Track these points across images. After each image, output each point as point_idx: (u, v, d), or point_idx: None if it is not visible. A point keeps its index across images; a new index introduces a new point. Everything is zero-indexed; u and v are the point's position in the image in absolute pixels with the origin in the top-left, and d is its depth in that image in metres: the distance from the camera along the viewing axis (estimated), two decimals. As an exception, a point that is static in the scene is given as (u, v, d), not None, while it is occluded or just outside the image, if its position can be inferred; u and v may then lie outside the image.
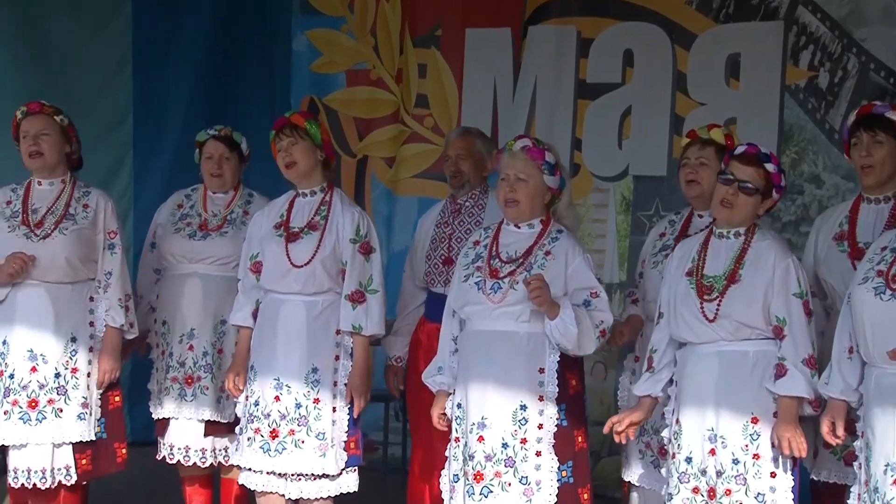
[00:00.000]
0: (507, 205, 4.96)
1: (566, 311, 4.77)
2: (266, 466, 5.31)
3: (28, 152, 5.63)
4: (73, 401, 5.56)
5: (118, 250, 5.69)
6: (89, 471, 5.61)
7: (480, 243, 5.05)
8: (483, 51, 7.90)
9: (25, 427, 5.51)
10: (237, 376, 5.48)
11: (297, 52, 8.59)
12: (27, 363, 5.53)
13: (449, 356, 5.06)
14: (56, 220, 5.62)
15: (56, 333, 5.55)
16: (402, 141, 8.25)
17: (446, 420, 5.05)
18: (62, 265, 5.56)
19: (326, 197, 5.46)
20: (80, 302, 5.63)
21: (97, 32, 8.43)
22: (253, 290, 5.49)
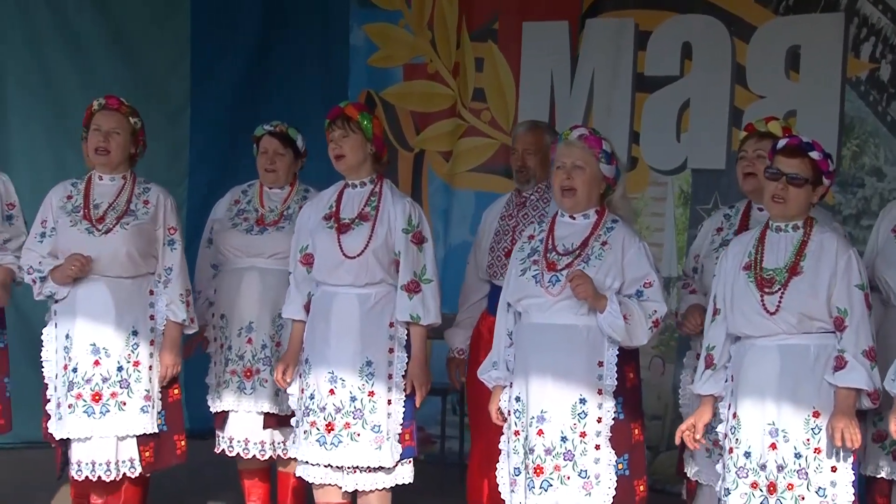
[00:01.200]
0: (563, 193, 4.94)
1: (612, 304, 4.76)
2: (322, 459, 5.32)
3: (95, 147, 5.66)
4: (135, 394, 5.60)
5: (178, 246, 5.73)
6: (152, 463, 5.66)
7: (535, 237, 5.04)
8: (540, 44, 7.88)
9: (90, 420, 5.55)
10: (286, 369, 5.49)
11: (354, 46, 8.61)
12: (90, 357, 5.57)
13: (504, 350, 5.05)
14: (118, 216, 5.65)
15: (118, 327, 5.59)
16: (459, 135, 8.25)
17: (503, 415, 5.04)
18: (123, 260, 5.60)
19: (376, 188, 5.46)
20: (140, 296, 5.67)
21: (157, 26, 8.49)
22: (304, 283, 5.50)
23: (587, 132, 4.97)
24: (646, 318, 4.81)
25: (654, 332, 4.85)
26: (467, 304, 5.98)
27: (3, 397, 5.87)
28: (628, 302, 4.81)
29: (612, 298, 4.77)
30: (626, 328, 4.77)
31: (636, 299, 4.84)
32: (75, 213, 5.66)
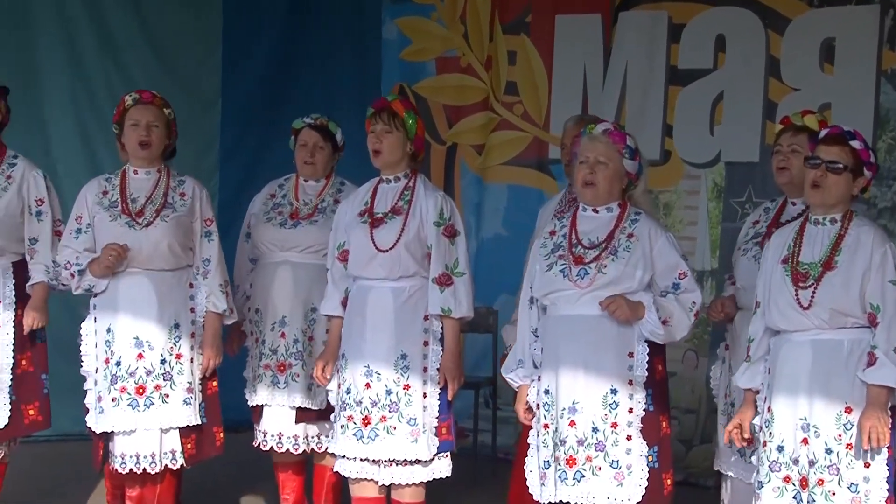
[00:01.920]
0: (584, 187, 4.93)
1: (651, 314, 4.77)
2: (359, 453, 5.33)
3: (139, 141, 5.68)
4: (178, 386, 5.63)
5: (215, 237, 5.75)
6: (194, 454, 5.68)
7: (557, 233, 5.02)
8: (573, 37, 7.87)
9: (134, 413, 5.57)
10: (326, 365, 5.51)
11: (386, 40, 8.61)
12: (133, 350, 5.60)
13: (529, 347, 5.04)
14: (157, 209, 5.67)
15: (160, 320, 5.61)
16: (491, 128, 8.24)
17: (532, 413, 5.03)
18: (164, 253, 5.62)
19: (410, 182, 5.47)
20: (180, 289, 5.69)
21: (188, 20, 8.52)
22: (341, 280, 5.51)
23: (612, 127, 4.96)
24: (686, 312, 4.82)
25: (694, 322, 4.86)
26: None
27: (41, 394, 5.90)
28: (666, 303, 4.81)
29: (651, 308, 4.78)
30: (665, 334, 4.79)
31: (674, 293, 4.84)
32: (113, 208, 5.68)
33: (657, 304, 4.80)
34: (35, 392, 5.87)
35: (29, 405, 5.85)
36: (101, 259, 5.57)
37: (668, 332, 4.79)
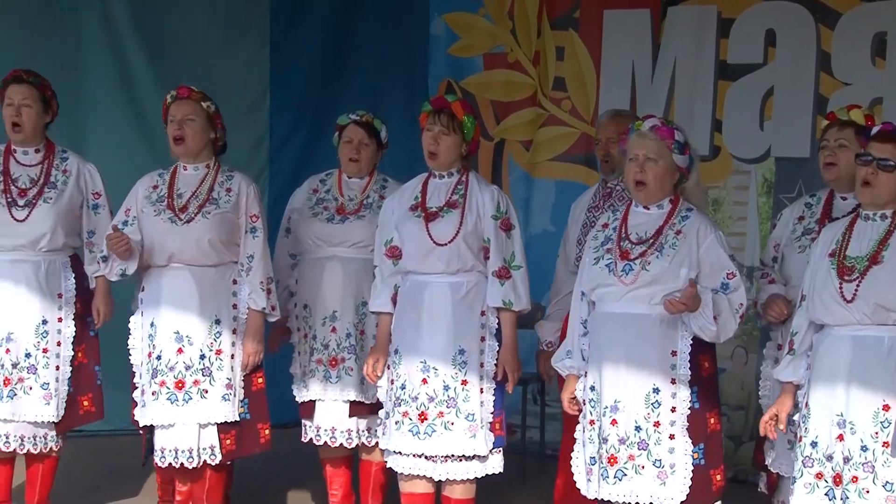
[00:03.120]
0: (636, 186, 4.91)
1: (706, 309, 4.73)
2: (415, 449, 5.33)
3: (172, 137, 5.72)
4: (217, 382, 5.65)
5: (260, 234, 5.76)
6: (233, 451, 5.70)
7: (609, 226, 5.02)
8: (622, 32, 7.84)
9: (172, 407, 5.61)
10: (376, 362, 5.51)
11: (434, 35, 8.61)
12: (174, 345, 5.64)
13: (578, 339, 5.03)
14: (199, 204, 5.70)
15: (200, 316, 5.64)
16: (539, 124, 8.23)
17: (577, 404, 5.03)
18: (205, 248, 5.65)
19: (462, 178, 5.47)
20: (223, 285, 5.71)
21: (236, 16, 8.55)
22: (391, 277, 5.51)
23: (659, 123, 4.93)
24: (733, 313, 4.78)
25: (739, 323, 4.82)
26: (558, 296, 5.95)
27: (94, 385, 5.97)
28: (718, 300, 4.77)
29: (707, 303, 4.74)
30: (716, 331, 4.75)
31: (723, 293, 4.80)
32: (159, 203, 5.73)
33: (711, 301, 4.76)
34: (89, 384, 5.96)
35: (83, 396, 5.94)
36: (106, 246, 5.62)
37: (718, 329, 4.76)
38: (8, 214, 5.80)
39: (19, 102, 5.85)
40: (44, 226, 5.80)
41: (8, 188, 5.84)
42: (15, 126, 5.86)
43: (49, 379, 5.83)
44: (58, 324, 5.87)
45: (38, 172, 5.90)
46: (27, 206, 5.81)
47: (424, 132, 5.42)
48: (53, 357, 5.84)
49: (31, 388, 5.80)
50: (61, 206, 5.85)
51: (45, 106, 5.92)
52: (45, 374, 5.82)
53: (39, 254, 5.84)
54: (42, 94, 5.90)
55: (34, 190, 5.86)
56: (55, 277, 5.87)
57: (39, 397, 5.81)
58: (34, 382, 5.80)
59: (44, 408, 5.81)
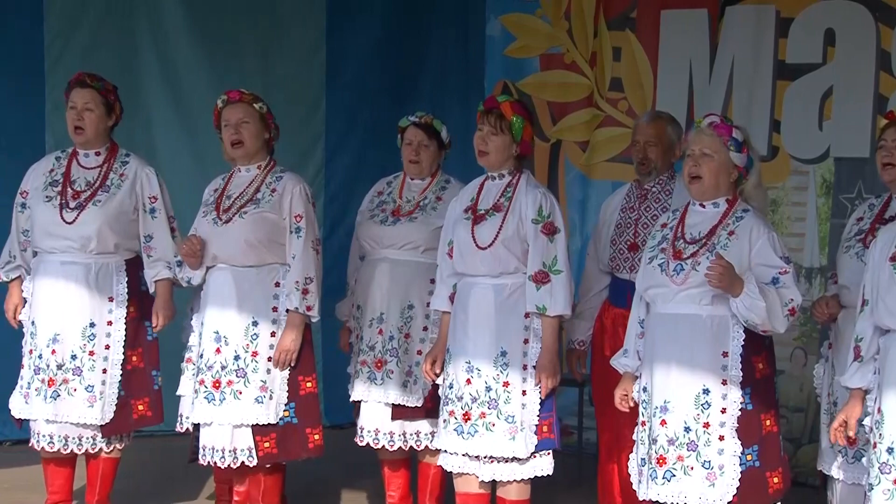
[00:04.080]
0: (690, 181, 4.91)
1: (750, 285, 4.69)
2: (460, 449, 5.35)
3: (230, 141, 5.75)
4: (251, 384, 5.64)
5: (303, 234, 5.70)
6: (273, 454, 5.65)
7: (668, 225, 5.02)
8: (679, 32, 7.80)
9: (210, 406, 5.64)
10: (434, 360, 5.53)
11: (490, 36, 8.61)
12: (213, 344, 5.66)
13: (635, 339, 5.04)
14: (241, 205, 5.73)
15: (238, 316, 5.65)
16: (595, 125, 8.21)
17: (629, 402, 5.03)
18: (243, 249, 5.65)
19: (514, 179, 5.47)
20: (263, 286, 5.69)
21: (292, 17, 8.58)
22: (450, 276, 5.53)
23: (718, 120, 4.93)
24: (782, 305, 4.74)
25: (790, 320, 4.78)
26: (588, 295, 5.95)
27: (150, 389, 6.00)
28: (764, 287, 4.74)
29: (750, 279, 4.70)
30: (766, 308, 4.70)
31: (774, 287, 4.77)
32: (210, 205, 5.78)
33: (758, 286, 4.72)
34: (145, 388, 5.98)
35: (138, 400, 5.96)
36: (179, 250, 5.69)
37: (768, 311, 4.71)
38: (58, 216, 5.85)
39: (82, 106, 5.90)
40: (90, 228, 5.84)
41: (64, 191, 5.90)
42: (77, 129, 5.91)
43: (94, 381, 5.85)
44: (107, 327, 5.89)
45: (95, 175, 5.95)
46: (77, 208, 5.86)
47: (476, 132, 5.44)
48: (100, 360, 5.86)
49: (75, 390, 5.83)
50: (110, 209, 5.88)
51: (107, 109, 5.97)
52: (91, 377, 5.85)
53: (91, 256, 5.88)
54: (105, 98, 5.95)
55: (87, 192, 5.90)
56: (107, 280, 5.90)
57: (83, 399, 5.84)
58: (78, 384, 5.83)
59: (87, 410, 5.84)
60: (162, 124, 8.32)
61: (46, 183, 5.93)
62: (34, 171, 6.03)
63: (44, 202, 5.87)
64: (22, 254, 5.98)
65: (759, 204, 4.97)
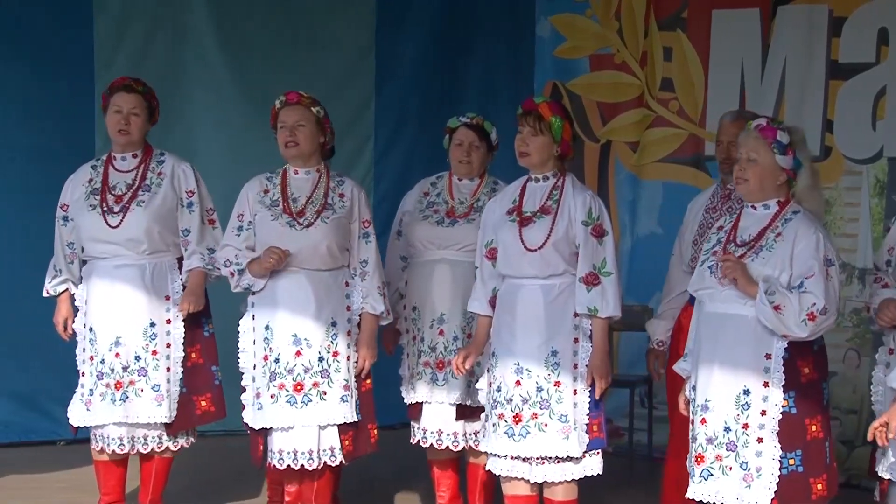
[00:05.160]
0: (737, 183, 4.91)
1: (760, 294, 4.69)
2: (511, 451, 5.33)
3: (285, 142, 5.77)
4: (335, 384, 5.69)
5: (372, 239, 5.80)
6: (352, 451, 5.73)
7: (724, 228, 5.01)
8: (730, 32, 7.77)
9: (292, 410, 5.65)
10: (467, 357, 5.52)
11: (540, 37, 8.60)
12: (292, 347, 5.67)
13: (693, 341, 5.02)
14: (317, 210, 5.75)
15: (318, 319, 5.68)
16: (646, 125, 8.19)
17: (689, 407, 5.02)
18: (323, 253, 5.69)
19: (558, 182, 5.45)
20: (337, 288, 5.75)
21: (341, 20, 8.60)
22: (490, 278, 5.52)
23: (763, 122, 4.90)
24: (800, 310, 4.69)
25: (809, 325, 4.69)
26: (670, 295, 5.93)
27: (212, 385, 6.04)
28: (782, 292, 4.71)
29: (761, 287, 4.70)
30: (776, 317, 4.67)
31: (797, 291, 4.74)
32: (275, 207, 5.77)
33: (775, 290, 4.70)
34: (206, 383, 6.02)
35: (201, 396, 6.00)
36: (262, 260, 5.66)
37: (780, 318, 4.68)
38: (103, 222, 5.87)
39: (128, 111, 5.93)
40: (138, 229, 5.86)
41: (104, 197, 5.93)
42: (122, 132, 5.94)
43: (160, 380, 5.90)
44: (166, 325, 5.94)
45: (133, 177, 5.97)
46: (121, 211, 5.88)
47: (517, 134, 5.44)
48: (163, 359, 5.91)
49: (142, 391, 5.87)
50: (154, 208, 5.91)
51: (149, 114, 6.01)
52: (156, 376, 5.90)
53: (143, 257, 5.91)
54: (148, 103, 5.99)
55: (128, 195, 5.93)
56: (162, 280, 5.94)
57: (151, 399, 5.88)
58: (145, 385, 5.88)
59: (156, 409, 5.89)
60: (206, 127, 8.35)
61: (87, 192, 5.96)
62: (72, 182, 6.04)
63: (87, 211, 5.90)
64: (68, 266, 6.00)
65: (813, 206, 4.92)
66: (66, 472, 7.26)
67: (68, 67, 8.06)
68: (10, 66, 7.96)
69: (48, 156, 7.82)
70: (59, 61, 8.05)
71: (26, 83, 7.99)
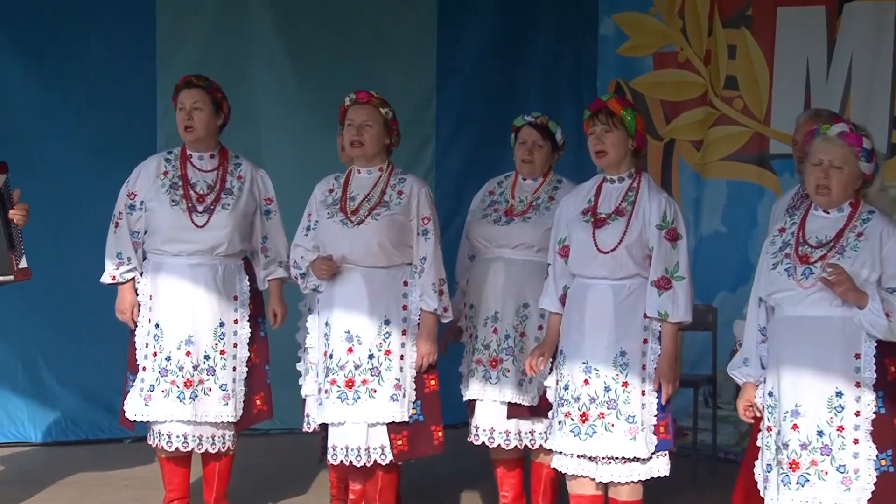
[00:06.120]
0: (817, 191, 4.81)
1: (874, 303, 4.61)
2: (577, 450, 5.33)
3: (350, 141, 5.79)
4: (386, 382, 5.69)
5: (431, 236, 5.79)
6: (405, 451, 5.72)
7: (787, 230, 4.93)
8: (796, 30, 7.71)
9: (343, 406, 5.68)
10: (540, 357, 5.52)
11: (603, 36, 8.57)
12: (344, 344, 5.70)
13: (756, 346, 4.95)
14: (370, 207, 5.77)
15: (370, 316, 5.69)
16: (710, 123, 8.14)
17: (752, 412, 4.95)
18: (375, 251, 5.70)
19: (634, 183, 5.44)
20: (393, 286, 5.75)
21: (402, 18, 8.62)
22: (562, 276, 5.51)
23: (847, 129, 4.80)
24: None
25: None
26: None
27: (265, 384, 6.08)
28: (891, 298, 4.66)
29: (874, 296, 4.63)
30: (888, 326, 4.62)
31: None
32: (333, 206, 5.80)
33: (881, 296, 4.65)
34: (261, 383, 6.09)
35: (256, 396, 6.06)
36: (314, 269, 5.73)
37: (891, 327, 4.63)
38: (189, 220, 5.92)
39: (191, 106, 5.97)
40: (222, 232, 5.92)
41: (187, 193, 5.97)
42: (188, 128, 5.98)
43: (227, 380, 5.96)
44: (234, 325, 5.99)
45: (213, 178, 6.02)
46: (206, 211, 5.94)
47: (589, 137, 5.41)
48: (230, 358, 5.97)
49: (210, 390, 5.93)
50: (238, 213, 5.97)
51: (216, 109, 6.03)
52: (223, 376, 5.95)
53: (216, 258, 5.96)
54: (213, 97, 6.02)
55: (211, 196, 5.97)
56: (231, 280, 6.00)
57: (219, 398, 5.94)
58: (213, 384, 5.93)
59: (223, 408, 5.94)
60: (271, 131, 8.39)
61: (166, 186, 6.00)
62: (143, 172, 6.05)
63: (169, 206, 5.94)
64: (135, 255, 6.04)
65: (882, 206, 4.87)
66: (132, 470, 7.34)
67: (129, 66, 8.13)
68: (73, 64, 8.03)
69: (110, 151, 7.90)
70: (121, 59, 8.11)
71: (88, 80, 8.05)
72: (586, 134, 5.43)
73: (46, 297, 7.79)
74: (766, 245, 4.95)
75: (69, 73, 8.03)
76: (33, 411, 8.03)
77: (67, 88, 8.03)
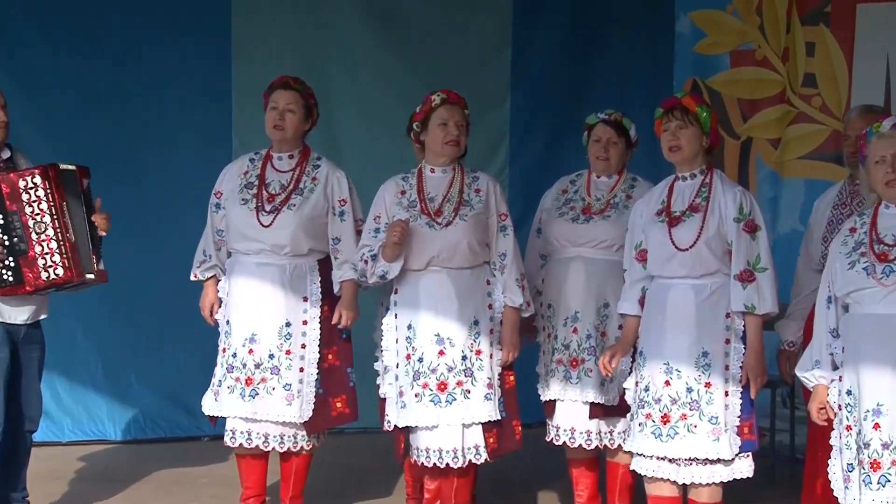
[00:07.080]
0: (888, 186, 4.77)
1: None
2: (658, 452, 5.31)
3: (448, 140, 5.79)
4: (479, 382, 5.71)
5: (510, 231, 5.81)
6: (496, 449, 5.74)
7: (858, 230, 4.89)
8: (876, 27, 7.62)
9: (436, 409, 5.68)
10: (613, 357, 5.50)
11: (680, 33, 8.52)
12: (435, 347, 5.71)
13: (826, 347, 4.91)
14: (454, 207, 5.78)
15: (460, 317, 5.71)
16: (788, 122, 8.07)
17: (825, 413, 4.91)
18: (464, 251, 5.72)
19: (706, 179, 5.42)
20: (479, 286, 5.77)
21: (477, 14, 8.63)
22: (639, 280, 5.50)
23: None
24: None
25: None
26: (800, 295, 5.86)
27: (347, 387, 6.08)
28: None
29: None
30: None
31: None
32: (412, 208, 5.80)
33: None
34: (342, 385, 6.06)
35: (336, 398, 6.05)
36: (387, 237, 5.67)
37: None
38: (255, 219, 5.95)
39: (283, 107, 6.00)
40: (285, 232, 5.92)
41: (259, 193, 6.01)
42: (276, 127, 6.02)
43: (292, 380, 5.94)
44: (302, 326, 5.99)
45: (289, 178, 6.04)
46: (273, 211, 5.96)
47: (662, 135, 5.41)
48: (297, 359, 5.96)
49: (273, 389, 5.93)
50: (304, 213, 5.97)
51: (306, 112, 6.07)
52: (288, 376, 5.94)
53: (285, 258, 5.97)
54: (305, 101, 6.05)
55: (282, 196, 6.00)
56: (301, 281, 5.99)
57: (282, 398, 5.93)
58: (277, 383, 5.93)
59: (286, 408, 5.94)
60: (347, 127, 8.43)
61: (242, 185, 6.04)
62: (228, 171, 6.14)
63: (240, 204, 5.99)
64: (217, 253, 6.10)
65: None
66: (209, 467, 7.41)
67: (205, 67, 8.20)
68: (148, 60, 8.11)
69: (186, 150, 7.97)
70: (196, 59, 8.19)
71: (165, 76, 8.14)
72: (657, 134, 5.41)
73: (127, 296, 7.88)
74: (837, 245, 4.92)
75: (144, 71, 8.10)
76: (113, 409, 8.14)
77: (143, 86, 8.11)
